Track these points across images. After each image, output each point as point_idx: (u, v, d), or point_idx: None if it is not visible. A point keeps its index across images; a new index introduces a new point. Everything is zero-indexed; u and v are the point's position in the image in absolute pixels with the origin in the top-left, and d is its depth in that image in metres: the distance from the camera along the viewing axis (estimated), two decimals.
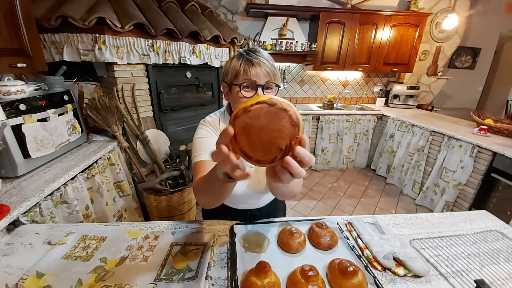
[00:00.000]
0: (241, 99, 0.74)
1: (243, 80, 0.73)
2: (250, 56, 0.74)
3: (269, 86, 0.75)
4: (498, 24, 3.68)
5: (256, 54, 0.75)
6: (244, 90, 0.74)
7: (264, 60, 0.74)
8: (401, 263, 0.73)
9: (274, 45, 2.97)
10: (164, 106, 2.07)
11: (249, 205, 0.99)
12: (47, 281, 0.66)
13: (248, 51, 0.76)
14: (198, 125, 0.90)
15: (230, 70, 0.76)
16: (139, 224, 0.91)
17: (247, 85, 0.74)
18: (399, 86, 3.51)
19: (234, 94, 0.76)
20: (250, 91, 0.74)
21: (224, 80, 0.81)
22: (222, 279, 0.69)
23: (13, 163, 1.14)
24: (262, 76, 0.73)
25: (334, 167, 3.48)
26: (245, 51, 0.76)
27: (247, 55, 0.74)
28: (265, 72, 0.73)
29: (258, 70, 0.72)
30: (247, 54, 0.75)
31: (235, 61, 0.76)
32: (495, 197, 2.01)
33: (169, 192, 1.81)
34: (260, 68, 0.72)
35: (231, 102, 0.83)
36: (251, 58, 0.73)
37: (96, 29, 1.51)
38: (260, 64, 0.73)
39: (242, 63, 0.73)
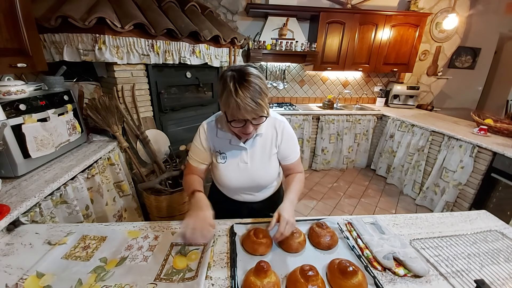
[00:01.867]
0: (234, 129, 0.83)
1: (232, 118, 0.79)
2: (237, 96, 0.72)
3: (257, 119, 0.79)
4: (498, 24, 3.68)
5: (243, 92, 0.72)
6: (234, 123, 0.80)
7: (249, 101, 0.73)
8: (401, 263, 0.73)
9: (274, 45, 2.97)
10: (164, 106, 2.07)
11: (245, 198, 1.03)
12: (47, 281, 0.66)
13: (238, 82, 0.73)
14: (199, 128, 0.97)
15: (222, 99, 0.77)
16: (139, 224, 0.91)
17: (237, 121, 0.79)
18: (399, 86, 3.51)
19: (224, 119, 0.84)
20: (240, 123, 0.79)
21: (218, 96, 0.82)
22: (222, 279, 0.69)
23: (13, 163, 1.13)
24: (250, 114, 0.76)
25: (334, 167, 3.48)
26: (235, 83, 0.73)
27: (235, 93, 0.72)
28: (250, 111, 0.75)
29: (243, 113, 0.75)
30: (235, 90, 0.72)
31: (227, 92, 0.74)
32: (495, 197, 2.01)
33: (169, 192, 1.81)
34: (245, 110, 0.74)
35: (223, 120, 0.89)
36: (238, 101, 0.72)
37: (96, 29, 1.51)
38: (246, 107, 0.73)
39: (231, 101, 0.73)
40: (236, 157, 0.94)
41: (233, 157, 0.94)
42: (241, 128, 0.81)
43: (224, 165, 0.95)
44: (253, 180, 0.97)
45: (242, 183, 0.97)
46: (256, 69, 0.78)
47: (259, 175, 0.97)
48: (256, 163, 0.95)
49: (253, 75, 0.75)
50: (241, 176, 0.95)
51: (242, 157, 0.94)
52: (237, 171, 0.95)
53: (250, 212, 1.04)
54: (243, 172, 0.95)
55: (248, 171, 0.95)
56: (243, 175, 0.95)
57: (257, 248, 0.77)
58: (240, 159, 0.94)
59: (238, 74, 0.75)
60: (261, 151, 0.95)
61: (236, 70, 0.76)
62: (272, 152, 0.96)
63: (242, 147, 0.93)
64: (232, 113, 0.76)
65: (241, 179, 0.96)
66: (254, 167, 0.95)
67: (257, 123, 0.81)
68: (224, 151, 0.94)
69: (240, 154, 0.94)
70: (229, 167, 0.95)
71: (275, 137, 0.95)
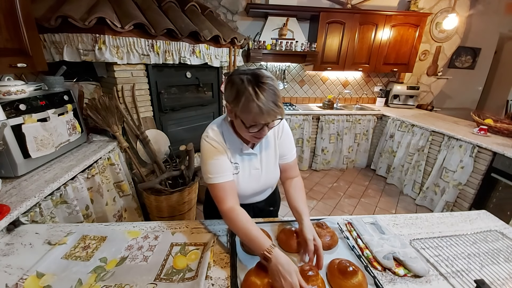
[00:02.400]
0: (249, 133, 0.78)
1: (251, 123, 0.75)
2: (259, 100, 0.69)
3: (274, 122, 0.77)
4: (498, 24, 3.68)
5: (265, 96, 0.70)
6: (251, 128, 0.76)
7: (272, 105, 0.71)
8: (401, 263, 0.73)
9: (274, 45, 2.97)
10: (164, 106, 2.07)
11: (252, 200, 1.03)
12: (47, 281, 0.66)
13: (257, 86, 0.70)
14: (203, 142, 0.86)
15: (240, 106, 0.73)
16: (139, 224, 0.91)
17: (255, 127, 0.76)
18: (399, 86, 3.51)
19: (241, 126, 0.78)
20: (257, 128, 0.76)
21: (228, 102, 0.78)
22: (222, 279, 0.69)
23: (13, 163, 1.13)
24: (270, 118, 0.74)
25: (334, 167, 3.47)
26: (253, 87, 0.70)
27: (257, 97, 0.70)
28: (272, 114, 0.73)
29: (266, 117, 0.73)
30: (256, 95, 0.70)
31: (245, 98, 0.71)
32: (495, 197, 2.01)
33: (169, 192, 1.81)
34: (268, 114, 0.72)
35: (237, 126, 0.83)
36: (261, 106, 0.70)
37: (96, 29, 1.51)
38: (269, 112, 0.71)
39: (253, 107, 0.70)
40: (248, 165, 0.92)
41: (245, 166, 0.91)
42: (257, 133, 0.78)
43: (237, 176, 0.90)
44: (264, 183, 0.97)
45: (254, 189, 0.96)
46: (266, 70, 0.76)
47: (269, 177, 0.97)
48: (266, 167, 0.94)
49: (268, 78, 0.73)
50: (254, 183, 0.94)
51: (253, 163, 0.92)
52: (250, 179, 0.93)
53: (255, 212, 1.05)
54: (255, 178, 0.94)
55: (260, 176, 0.94)
56: (255, 181, 0.94)
57: None
58: (251, 166, 0.92)
59: (253, 77, 0.72)
60: (267, 153, 0.95)
61: (250, 74, 0.73)
62: (276, 151, 0.96)
63: (252, 153, 0.91)
64: (254, 118, 0.72)
65: (254, 186, 0.95)
66: (265, 171, 0.95)
67: (272, 126, 0.79)
68: (236, 161, 0.90)
69: (251, 161, 0.92)
70: (242, 177, 0.91)
71: (276, 135, 0.95)
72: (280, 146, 0.95)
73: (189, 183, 1.93)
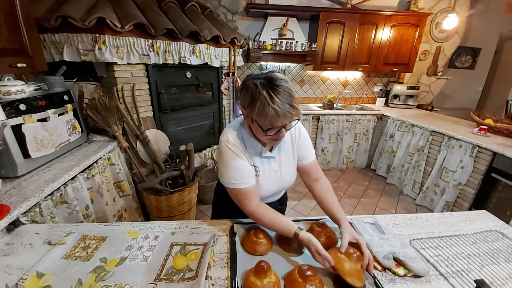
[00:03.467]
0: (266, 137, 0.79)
1: (268, 126, 0.75)
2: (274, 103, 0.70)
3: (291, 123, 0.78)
4: (498, 24, 3.68)
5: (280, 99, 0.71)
6: (269, 131, 0.77)
7: (288, 107, 0.72)
8: (401, 263, 0.73)
9: (274, 45, 2.97)
10: (164, 106, 2.07)
11: (269, 200, 1.03)
12: (47, 281, 0.66)
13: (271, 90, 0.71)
14: (223, 147, 0.85)
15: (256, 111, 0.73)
16: (139, 224, 0.91)
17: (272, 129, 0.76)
18: (399, 86, 3.51)
19: (258, 130, 0.79)
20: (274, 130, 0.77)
21: (245, 108, 0.78)
22: (222, 279, 0.69)
23: (13, 163, 1.13)
24: (287, 120, 0.75)
25: (334, 167, 3.47)
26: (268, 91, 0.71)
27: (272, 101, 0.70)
28: (289, 116, 0.74)
29: (283, 119, 0.73)
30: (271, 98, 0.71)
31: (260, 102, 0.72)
32: (495, 197, 2.01)
33: (169, 192, 1.81)
34: (284, 116, 0.72)
35: (254, 130, 0.83)
36: (277, 109, 0.70)
37: (96, 29, 1.51)
38: (286, 114, 0.72)
39: (269, 111, 0.71)
40: (268, 168, 0.93)
41: (264, 169, 0.92)
42: (275, 135, 0.78)
43: (258, 178, 0.90)
44: (281, 185, 0.99)
45: (272, 191, 0.98)
46: (279, 73, 0.77)
47: (287, 179, 0.98)
48: (284, 169, 0.95)
49: (282, 80, 0.74)
50: (273, 185, 0.95)
51: (272, 166, 0.93)
52: (269, 181, 0.94)
53: None
54: (274, 180, 0.95)
55: (278, 179, 0.95)
56: (274, 184, 0.95)
57: (257, 248, 0.77)
58: (270, 169, 0.93)
59: (267, 81, 0.73)
60: (286, 155, 0.96)
61: (263, 78, 0.74)
62: (294, 153, 0.97)
63: (271, 156, 0.91)
64: (271, 121, 0.73)
65: (272, 188, 0.96)
66: (283, 173, 0.96)
67: (290, 127, 0.79)
68: (256, 164, 0.90)
69: (270, 164, 0.93)
70: (262, 179, 0.92)
71: (293, 138, 0.96)
72: (298, 148, 0.97)
73: (189, 183, 1.94)
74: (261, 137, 0.83)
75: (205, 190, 2.41)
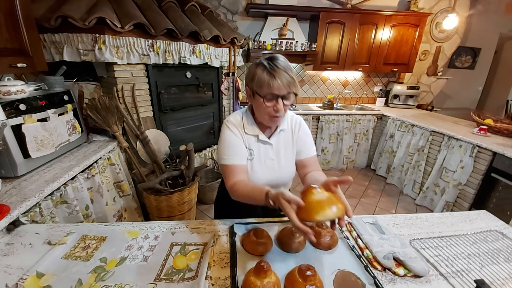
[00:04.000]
0: (264, 108, 0.85)
1: (266, 92, 0.82)
2: (272, 70, 0.81)
3: (288, 97, 0.85)
4: (498, 24, 3.68)
5: (277, 66, 0.81)
6: (267, 101, 0.84)
7: (283, 73, 0.81)
8: (401, 263, 0.73)
9: (274, 45, 2.97)
10: (164, 106, 2.07)
11: None
12: (47, 281, 0.66)
13: (270, 60, 0.83)
14: (223, 126, 0.95)
15: (255, 78, 0.84)
16: (139, 224, 0.91)
17: (270, 97, 0.83)
18: (399, 86, 3.51)
19: (258, 101, 0.86)
20: (272, 101, 0.84)
21: (248, 85, 0.89)
22: (222, 279, 0.69)
23: (13, 163, 1.13)
24: (283, 88, 0.82)
25: (334, 167, 3.47)
26: (267, 61, 0.83)
27: (270, 67, 0.81)
28: (285, 83, 0.81)
29: (279, 83, 0.80)
30: (269, 65, 0.81)
31: (259, 71, 0.83)
32: (495, 197, 2.01)
33: (169, 192, 1.81)
34: (281, 81, 0.80)
35: (254, 106, 0.92)
36: (274, 73, 0.80)
37: (96, 29, 1.51)
38: (281, 78, 0.80)
39: (266, 76, 0.81)
40: (263, 154, 0.96)
41: (260, 154, 0.95)
42: (274, 107, 0.84)
43: (251, 162, 0.95)
44: (278, 176, 0.99)
45: (268, 180, 0.98)
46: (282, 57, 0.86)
47: (285, 171, 0.99)
48: (281, 159, 0.98)
49: (281, 57, 0.84)
50: (268, 173, 0.97)
51: (268, 153, 0.96)
52: (264, 168, 0.96)
53: (265, 211, 1.04)
54: (270, 168, 0.97)
55: (275, 168, 0.97)
56: (269, 172, 0.97)
57: (257, 248, 0.77)
58: (266, 156, 0.96)
59: (267, 58, 0.84)
60: (285, 147, 0.98)
61: (265, 57, 0.85)
62: (293, 146, 0.99)
63: (267, 142, 0.95)
64: (268, 86, 0.80)
65: (267, 176, 0.97)
66: (280, 163, 0.98)
67: (287, 102, 0.85)
68: (252, 148, 0.95)
69: (266, 151, 0.96)
70: (256, 164, 0.95)
71: (293, 130, 1.00)
72: (298, 141, 1.00)
73: (189, 183, 1.94)
74: (262, 111, 0.88)
75: (205, 190, 2.41)
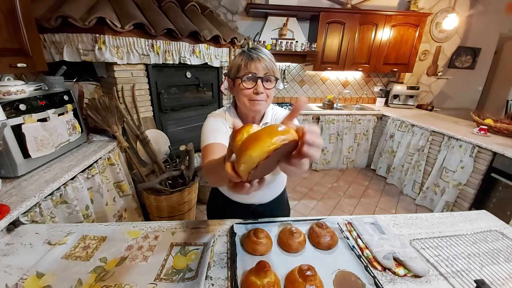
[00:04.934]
0: (243, 90, 0.81)
1: (244, 73, 0.80)
2: (250, 53, 0.81)
3: (268, 79, 0.82)
4: (498, 24, 3.68)
5: (256, 50, 0.82)
6: (245, 82, 0.81)
7: (263, 55, 0.80)
8: (401, 263, 0.73)
9: (274, 45, 2.97)
10: (164, 106, 2.07)
11: (252, 199, 1.01)
12: (47, 281, 0.66)
13: (250, 48, 0.84)
14: (207, 117, 0.94)
15: (233, 66, 0.84)
16: (139, 224, 0.91)
17: (248, 78, 0.80)
18: (399, 86, 3.51)
19: (237, 87, 0.84)
20: (251, 83, 0.81)
21: (229, 76, 0.88)
22: (222, 279, 0.69)
23: (13, 163, 1.13)
24: (261, 69, 0.80)
25: (334, 167, 3.47)
26: (247, 49, 0.84)
27: (248, 52, 0.82)
28: (263, 66, 0.80)
29: (258, 64, 0.79)
30: (248, 51, 0.83)
31: (237, 57, 0.84)
32: (495, 197, 2.01)
33: (169, 192, 1.81)
34: (259, 62, 0.79)
35: (235, 95, 0.89)
36: (251, 54, 0.81)
37: (96, 29, 1.51)
38: (259, 59, 0.79)
39: (244, 59, 0.81)
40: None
41: None
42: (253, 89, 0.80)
43: None
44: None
45: None
46: None
47: None
48: None
49: (264, 48, 0.85)
50: None
51: None
52: None
53: (256, 216, 1.03)
54: None
55: None
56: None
57: (257, 248, 0.77)
58: None
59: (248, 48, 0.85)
60: None
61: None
62: None
63: None
64: (246, 65, 0.79)
65: None
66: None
67: (268, 86, 0.82)
68: None
69: None
70: None
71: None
72: None
73: (189, 183, 1.94)
74: (243, 101, 0.83)
75: (205, 190, 2.41)
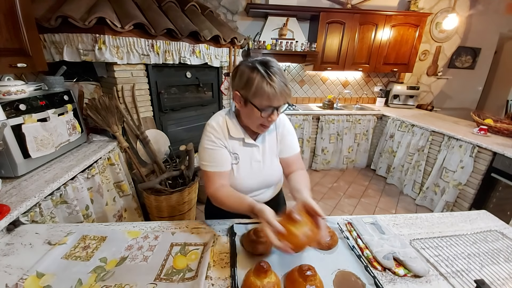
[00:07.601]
0: (258, 117, 0.81)
1: (265, 106, 0.79)
2: (270, 80, 0.75)
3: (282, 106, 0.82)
4: (498, 24, 3.68)
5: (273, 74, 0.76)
6: (264, 112, 0.80)
7: (281, 83, 0.77)
8: (401, 263, 0.73)
9: (274, 45, 2.97)
10: (164, 106, 2.07)
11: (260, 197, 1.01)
12: (47, 281, 0.66)
13: (265, 67, 0.77)
14: (205, 131, 0.90)
15: (253, 89, 0.77)
16: (139, 224, 0.91)
17: (268, 109, 0.80)
18: (399, 86, 3.51)
19: (251, 111, 0.81)
20: (268, 112, 0.80)
21: (239, 91, 0.82)
22: (222, 279, 0.69)
23: (13, 163, 1.13)
24: (281, 100, 0.79)
25: (334, 167, 3.47)
26: (263, 68, 0.76)
27: (268, 77, 0.75)
28: (283, 94, 0.78)
29: (278, 95, 0.77)
30: (266, 74, 0.76)
31: (257, 79, 0.76)
32: (495, 197, 2.01)
33: (169, 192, 1.81)
34: (279, 92, 0.77)
35: (244, 113, 0.86)
36: (272, 84, 0.75)
37: (96, 29, 1.51)
38: (280, 88, 0.76)
39: (266, 87, 0.76)
40: (249, 156, 0.93)
41: (245, 157, 0.92)
42: (268, 118, 0.81)
43: (236, 166, 0.92)
44: (264, 178, 0.97)
45: (253, 183, 0.96)
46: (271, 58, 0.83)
47: (270, 172, 0.97)
48: (267, 160, 0.95)
49: (274, 62, 0.79)
50: (254, 175, 0.94)
51: (254, 155, 0.93)
52: (249, 171, 0.93)
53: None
54: (256, 170, 0.94)
55: (261, 169, 0.95)
56: (255, 174, 0.95)
57: (257, 248, 0.76)
58: (252, 158, 0.93)
59: (262, 63, 0.78)
60: (270, 147, 0.96)
61: (258, 61, 0.79)
62: (277, 145, 0.97)
63: (254, 144, 0.92)
64: (268, 99, 0.77)
65: (253, 178, 0.95)
66: (266, 164, 0.95)
67: (281, 110, 0.83)
68: (237, 152, 0.92)
69: (252, 153, 0.93)
70: (242, 167, 0.92)
71: (277, 130, 0.97)
72: (281, 140, 0.97)
73: (189, 183, 1.93)
74: (253, 121, 0.85)
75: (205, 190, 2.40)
